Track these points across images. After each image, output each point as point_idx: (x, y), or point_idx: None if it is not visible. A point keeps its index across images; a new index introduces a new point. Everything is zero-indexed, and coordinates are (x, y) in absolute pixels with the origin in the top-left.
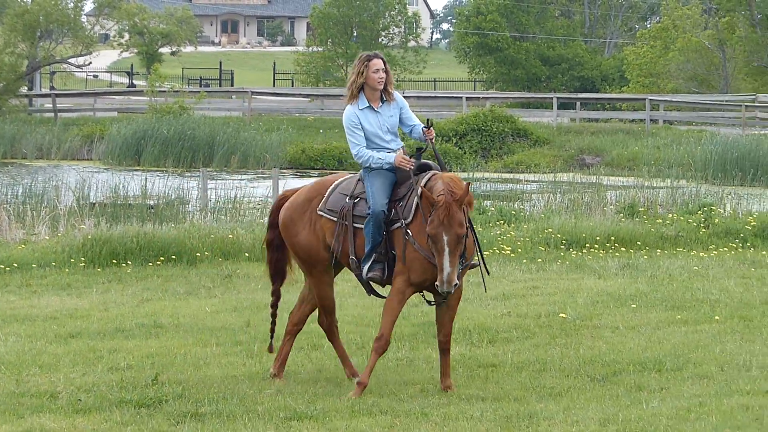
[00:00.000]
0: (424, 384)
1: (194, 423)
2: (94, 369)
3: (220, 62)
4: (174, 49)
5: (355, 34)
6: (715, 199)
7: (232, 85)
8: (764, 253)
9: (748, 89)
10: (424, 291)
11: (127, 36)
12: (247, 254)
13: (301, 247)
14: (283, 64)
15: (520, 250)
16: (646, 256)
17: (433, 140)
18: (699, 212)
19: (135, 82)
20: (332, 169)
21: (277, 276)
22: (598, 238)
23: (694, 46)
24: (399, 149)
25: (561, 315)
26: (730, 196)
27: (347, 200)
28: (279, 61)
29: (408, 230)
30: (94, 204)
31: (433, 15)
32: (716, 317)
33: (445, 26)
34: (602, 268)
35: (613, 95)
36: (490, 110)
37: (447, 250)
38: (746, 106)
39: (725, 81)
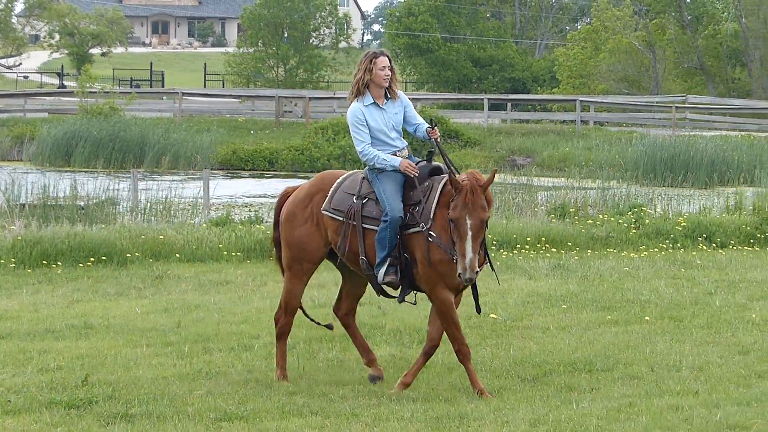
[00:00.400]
0: (355, 385)
1: (124, 424)
2: (24, 370)
3: (151, 63)
4: (104, 50)
5: (285, 35)
6: (646, 200)
7: (162, 86)
8: (694, 253)
9: (678, 90)
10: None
11: (57, 37)
12: (177, 255)
13: (296, 241)
14: (214, 65)
15: None
16: (576, 257)
17: (438, 139)
18: (629, 213)
19: (66, 83)
20: (263, 170)
21: None
22: (529, 239)
23: (625, 47)
24: (404, 148)
25: (492, 316)
26: (660, 197)
27: (354, 200)
28: (210, 62)
29: (431, 232)
30: (24, 205)
31: (363, 16)
32: (646, 318)
33: (376, 27)
34: (533, 269)
35: (544, 96)
36: (421, 111)
37: (470, 234)
38: (676, 107)
39: (655, 82)
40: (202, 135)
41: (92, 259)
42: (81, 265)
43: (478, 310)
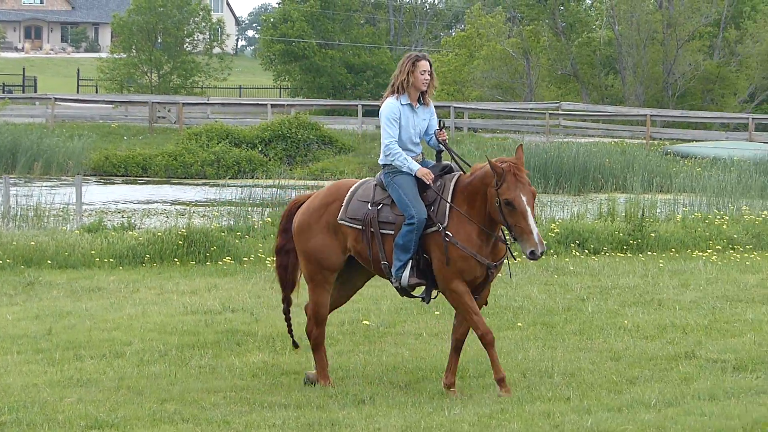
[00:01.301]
0: (227, 392)
1: None
2: None
3: (24, 68)
4: None
5: (159, 41)
6: None
7: (35, 92)
8: (567, 260)
9: (551, 97)
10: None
11: None
12: (49, 261)
13: (313, 252)
14: (88, 71)
15: None
16: None
17: (446, 141)
18: None
19: None
20: (136, 176)
21: (288, 282)
22: None
23: (499, 54)
24: (419, 156)
25: (365, 322)
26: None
27: (369, 207)
28: (83, 68)
29: (447, 232)
30: None
31: (238, 22)
32: (519, 324)
33: (250, 33)
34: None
35: None
36: (295, 117)
37: (529, 210)
38: (550, 113)
39: (529, 89)
40: (75, 141)
41: None
42: None
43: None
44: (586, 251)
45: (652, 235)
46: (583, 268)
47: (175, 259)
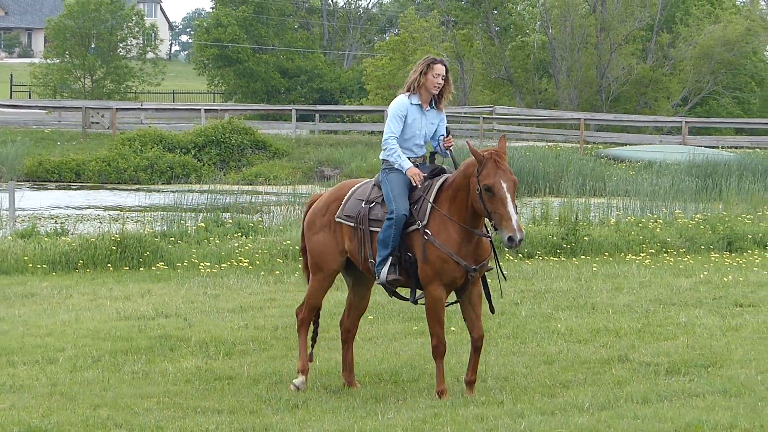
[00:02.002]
0: (160, 397)
1: None
2: None
3: None
4: None
5: (92, 46)
6: None
7: None
8: (500, 264)
9: (486, 101)
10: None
11: None
12: None
13: (314, 249)
14: (21, 76)
15: (258, 262)
16: None
17: (452, 148)
18: None
19: None
20: (70, 182)
21: None
22: None
23: None
24: (420, 158)
25: None
26: None
27: (363, 205)
28: (16, 73)
29: (427, 230)
30: None
31: (171, 27)
32: (452, 328)
33: (184, 38)
34: (340, 279)
35: (353, 107)
36: (228, 122)
37: (508, 196)
38: (484, 118)
39: (463, 93)
40: (8, 146)
41: None
42: None
43: (492, 310)
44: (520, 255)
45: (586, 238)
46: (516, 272)
47: (109, 265)
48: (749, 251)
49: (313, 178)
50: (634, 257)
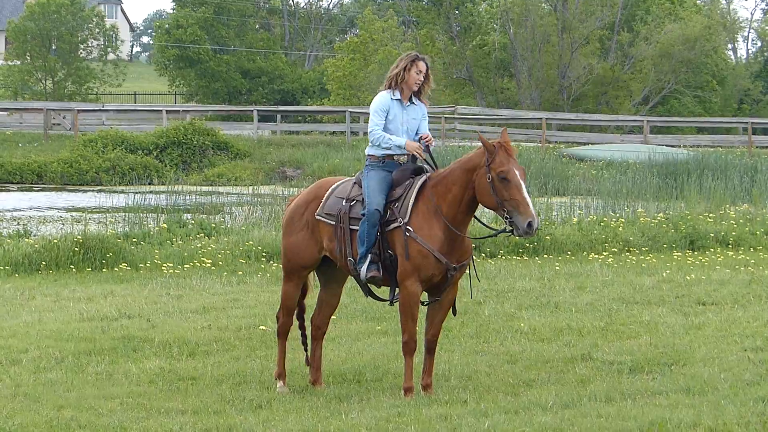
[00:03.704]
0: (124, 398)
1: None
2: None
3: None
4: None
5: (53, 48)
6: None
7: None
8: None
9: (447, 101)
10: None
11: None
12: None
13: (290, 247)
14: None
15: (220, 263)
16: None
17: (431, 146)
18: None
19: None
20: (31, 184)
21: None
22: None
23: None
24: (404, 157)
25: (261, 327)
26: None
27: (343, 203)
28: None
29: (408, 227)
30: None
31: (132, 28)
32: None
33: (145, 39)
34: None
35: (314, 108)
36: (190, 123)
37: (523, 183)
38: (446, 117)
39: None
40: None
41: None
42: None
43: (454, 313)
44: (483, 255)
45: (548, 238)
46: (479, 271)
47: (71, 266)
48: (711, 250)
49: (275, 178)
50: (596, 256)
